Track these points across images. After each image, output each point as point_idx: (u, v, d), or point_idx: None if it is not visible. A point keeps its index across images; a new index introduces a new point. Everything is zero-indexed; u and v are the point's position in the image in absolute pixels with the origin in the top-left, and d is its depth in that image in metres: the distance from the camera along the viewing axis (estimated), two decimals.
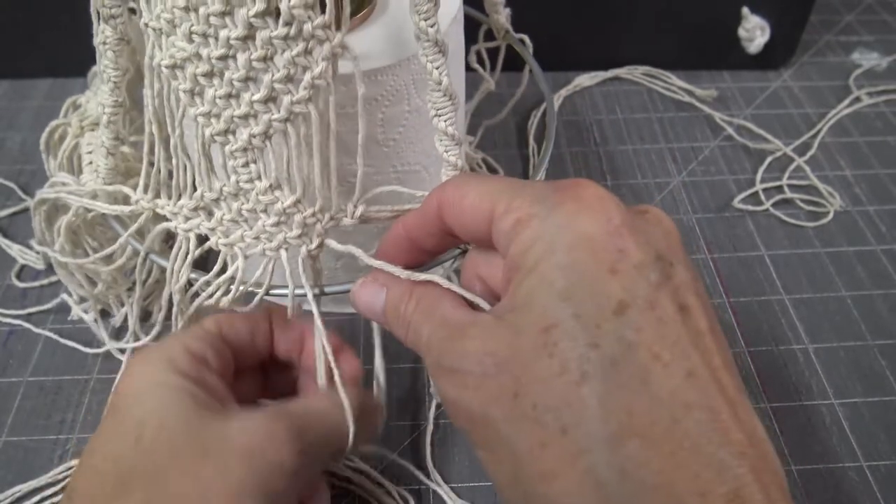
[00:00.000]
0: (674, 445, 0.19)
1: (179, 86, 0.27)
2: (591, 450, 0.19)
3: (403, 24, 0.32)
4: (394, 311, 0.25)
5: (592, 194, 0.21)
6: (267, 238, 0.29)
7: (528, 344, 0.20)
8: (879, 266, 0.44)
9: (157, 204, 0.31)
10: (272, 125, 0.26)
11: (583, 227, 0.21)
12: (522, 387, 0.20)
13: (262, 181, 0.28)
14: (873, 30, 0.62)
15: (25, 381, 0.38)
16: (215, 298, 0.30)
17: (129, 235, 0.33)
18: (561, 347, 0.20)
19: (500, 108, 0.50)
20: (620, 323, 0.19)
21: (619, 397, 0.19)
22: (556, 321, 0.20)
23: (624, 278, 0.20)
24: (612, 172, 0.50)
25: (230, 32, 0.25)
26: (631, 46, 0.58)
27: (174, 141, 0.29)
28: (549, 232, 0.21)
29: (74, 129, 0.38)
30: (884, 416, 0.37)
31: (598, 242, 0.20)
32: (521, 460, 0.20)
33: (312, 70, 0.25)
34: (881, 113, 0.54)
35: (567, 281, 0.20)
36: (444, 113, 0.29)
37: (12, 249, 0.44)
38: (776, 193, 0.48)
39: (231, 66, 0.25)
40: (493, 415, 0.21)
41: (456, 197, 0.24)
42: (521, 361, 0.20)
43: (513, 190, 0.22)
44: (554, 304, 0.20)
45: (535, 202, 0.22)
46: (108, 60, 0.31)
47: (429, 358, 0.23)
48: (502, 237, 0.22)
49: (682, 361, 0.19)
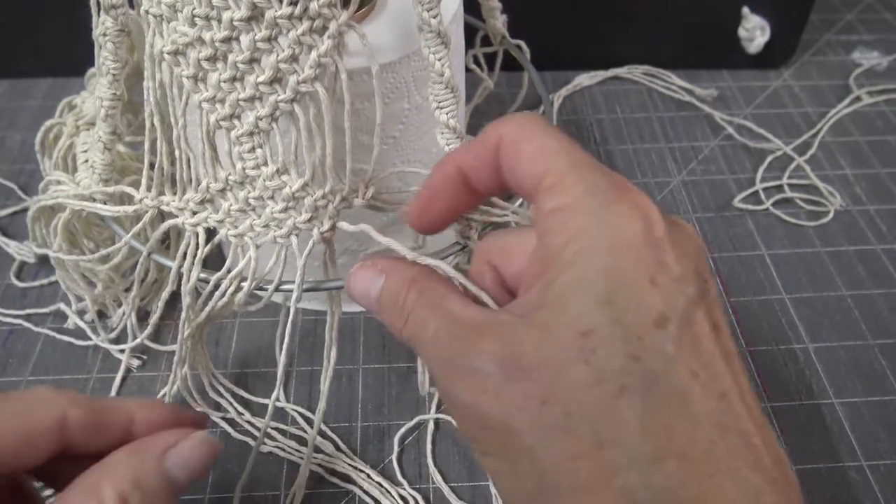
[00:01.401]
0: (712, 468, 0.18)
1: (182, 72, 0.27)
2: (628, 468, 0.18)
3: (403, 22, 0.32)
4: (391, 299, 0.23)
5: (640, 203, 0.20)
6: (276, 225, 0.29)
7: (560, 347, 0.19)
8: (880, 265, 0.44)
9: (163, 201, 0.31)
10: (278, 106, 0.26)
11: (629, 233, 0.20)
12: (552, 394, 0.19)
13: (268, 166, 0.27)
14: (874, 29, 0.62)
15: (25, 380, 0.38)
16: (228, 295, 0.30)
17: (130, 236, 0.32)
18: (599, 355, 0.18)
19: (500, 108, 0.50)
20: (661, 336, 0.19)
21: (659, 415, 0.18)
22: (595, 326, 0.19)
23: (664, 291, 0.19)
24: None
25: (234, 14, 0.24)
26: (631, 46, 0.57)
27: (177, 132, 0.29)
28: (594, 229, 0.20)
29: (70, 129, 0.38)
30: (884, 415, 0.37)
31: (641, 251, 0.19)
32: (547, 473, 0.19)
33: (318, 49, 0.25)
34: (881, 112, 0.54)
35: (608, 285, 0.19)
36: (445, 105, 0.29)
37: (10, 248, 0.44)
38: (776, 193, 0.48)
39: (235, 48, 0.25)
40: (516, 423, 0.19)
41: (516, 137, 0.22)
42: (551, 366, 0.19)
43: (569, 162, 0.21)
44: (592, 307, 0.19)
45: (587, 193, 0.20)
46: (107, 52, 0.31)
47: (435, 356, 0.21)
48: (542, 217, 0.21)
49: (717, 382, 0.19)
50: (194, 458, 0.24)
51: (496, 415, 0.19)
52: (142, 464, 0.23)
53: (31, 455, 0.23)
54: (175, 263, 0.31)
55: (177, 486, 0.24)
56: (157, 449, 0.24)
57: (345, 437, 0.36)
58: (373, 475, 0.34)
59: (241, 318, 0.41)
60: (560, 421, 0.18)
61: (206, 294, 0.31)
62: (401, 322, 0.23)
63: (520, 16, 0.44)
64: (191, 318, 0.31)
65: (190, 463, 0.24)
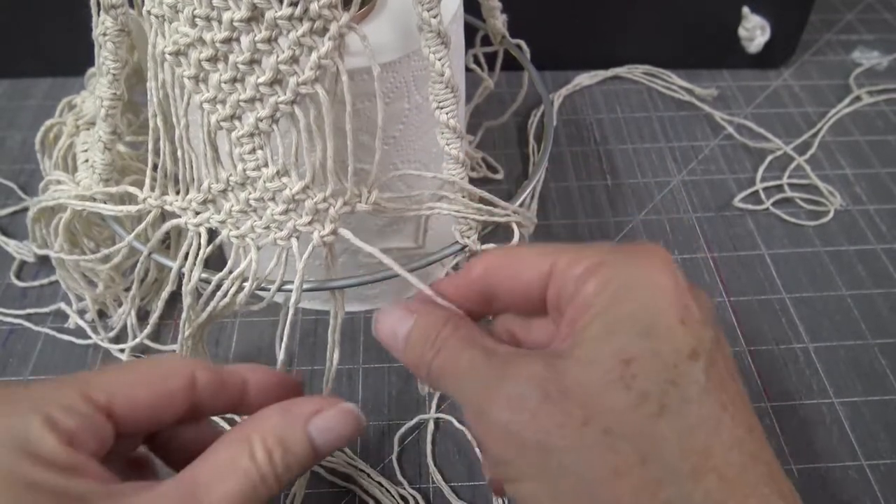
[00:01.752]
0: (747, 490, 0.19)
1: (184, 73, 0.27)
2: (671, 482, 0.19)
3: (403, 22, 0.32)
4: (422, 336, 0.24)
5: (661, 256, 0.22)
6: (277, 227, 0.29)
7: (600, 374, 0.20)
8: (880, 265, 0.44)
9: (166, 201, 0.31)
10: (279, 108, 0.26)
11: (657, 279, 0.21)
12: (593, 415, 0.20)
13: (269, 168, 0.27)
14: (874, 28, 0.62)
15: (25, 380, 0.38)
16: (230, 295, 0.30)
17: (133, 236, 0.32)
18: (639, 380, 0.20)
19: (500, 108, 0.50)
20: (695, 367, 0.20)
21: (697, 435, 0.19)
22: (636, 355, 0.20)
23: (693, 331, 0.21)
24: (612, 171, 0.50)
25: (234, 14, 0.25)
26: (631, 45, 0.57)
27: (179, 132, 0.29)
28: (624, 276, 0.21)
29: (70, 129, 0.38)
30: (884, 414, 0.37)
31: (672, 295, 0.21)
32: (591, 489, 0.20)
33: (318, 50, 0.25)
34: (882, 112, 0.54)
35: (647, 320, 0.21)
36: (445, 105, 0.29)
37: (9, 246, 0.44)
38: (776, 192, 0.48)
39: (235, 48, 0.25)
40: (555, 441, 0.20)
41: (509, 258, 0.24)
42: (591, 391, 0.20)
43: (577, 247, 0.23)
44: (634, 338, 0.20)
45: (607, 253, 0.22)
46: (107, 52, 0.31)
47: (469, 383, 0.22)
48: (570, 283, 0.22)
49: (744, 415, 0.20)
50: (338, 428, 0.25)
51: (531, 435, 0.20)
52: (289, 424, 0.24)
53: (167, 413, 0.24)
54: (176, 264, 0.31)
55: (318, 452, 0.24)
56: (304, 412, 0.24)
57: None
58: (373, 475, 0.34)
59: (241, 317, 0.41)
60: (601, 439, 0.20)
61: (208, 294, 0.31)
62: (431, 353, 0.23)
63: (520, 15, 0.44)
64: (192, 319, 0.31)
65: (333, 432, 0.24)
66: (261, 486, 0.22)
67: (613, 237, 0.46)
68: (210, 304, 0.30)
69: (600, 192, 0.49)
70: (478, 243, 0.32)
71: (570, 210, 0.47)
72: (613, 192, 0.49)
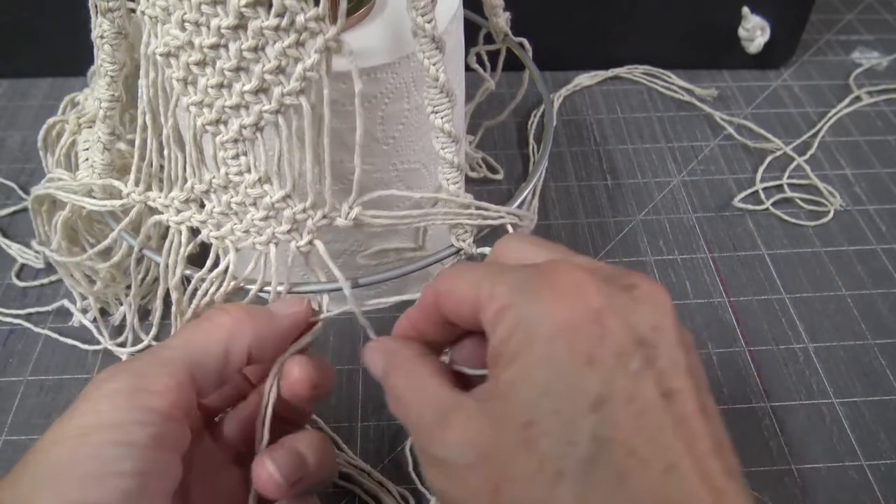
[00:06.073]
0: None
1: (173, 74, 0.27)
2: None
3: (403, 22, 0.32)
4: (386, 382, 0.25)
5: (568, 280, 0.21)
6: (256, 232, 0.29)
7: (508, 438, 0.20)
8: (879, 265, 0.44)
9: (149, 196, 0.31)
10: (263, 117, 0.26)
11: (560, 317, 0.20)
12: (503, 482, 0.20)
13: (251, 174, 0.28)
14: (873, 29, 0.62)
15: (26, 380, 0.38)
16: (210, 294, 0.30)
17: (122, 230, 0.32)
18: (540, 444, 0.19)
19: (500, 108, 0.50)
20: (596, 420, 0.19)
21: (595, 498, 0.19)
22: (536, 417, 0.20)
23: (601, 369, 0.19)
24: (612, 172, 0.50)
25: (221, 21, 0.25)
26: (631, 46, 0.57)
27: (166, 131, 0.29)
28: (527, 322, 0.21)
29: (72, 126, 0.38)
30: (884, 414, 0.37)
31: (575, 331, 0.20)
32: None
33: (304, 62, 0.25)
34: (881, 112, 0.54)
35: (546, 375, 0.20)
36: (440, 110, 0.29)
37: (12, 249, 0.44)
38: (776, 192, 0.48)
39: (223, 55, 0.25)
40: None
41: (447, 287, 0.24)
42: (501, 456, 0.20)
43: (495, 276, 0.22)
44: (534, 399, 0.20)
45: (515, 291, 0.21)
46: (105, 54, 0.31)
47: (416, 441, 0.23)
48: (486, 325, 0.22)
49: (662, 454, 0.19)
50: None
51: (460, 501, 0.21)
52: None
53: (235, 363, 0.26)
54: (162, 260, 0.31)
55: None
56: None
57: (345, 436, 0.36)
58: (373, 474, 0.34)
59: None
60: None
61: (189, 292, 0.31)
62: (394, 404, 0.24)
63: (519, 16, 0.44)
64: (180, 314, 0.32)
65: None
66: None
67: (613, 237, 0.46)
68: (193, 302, 0.31)
69: (600, 192, 0.49)
70: (473, 246, 0.32)
71: (570, 210, 0.47)
72: (613, 192, 0.49)
